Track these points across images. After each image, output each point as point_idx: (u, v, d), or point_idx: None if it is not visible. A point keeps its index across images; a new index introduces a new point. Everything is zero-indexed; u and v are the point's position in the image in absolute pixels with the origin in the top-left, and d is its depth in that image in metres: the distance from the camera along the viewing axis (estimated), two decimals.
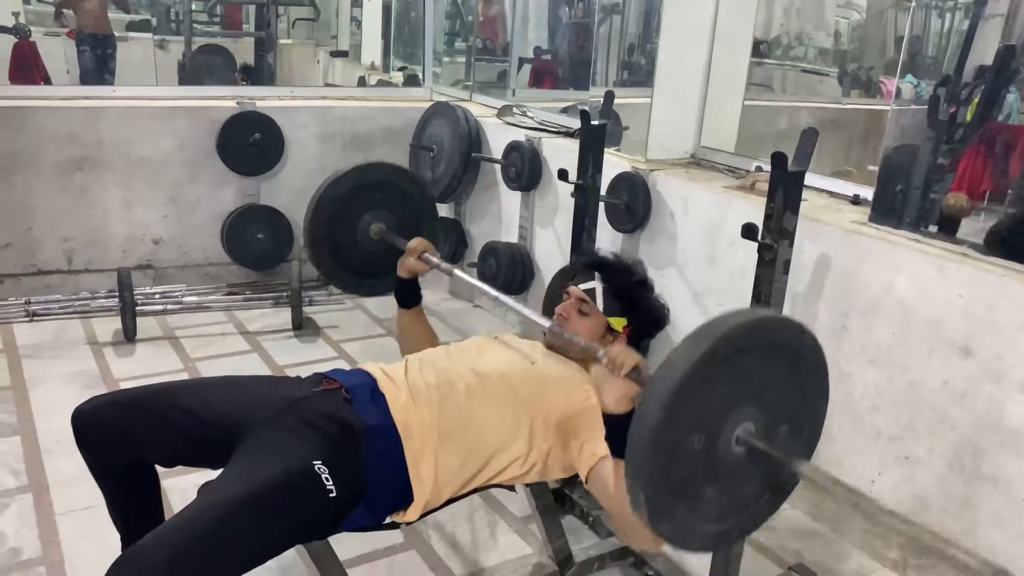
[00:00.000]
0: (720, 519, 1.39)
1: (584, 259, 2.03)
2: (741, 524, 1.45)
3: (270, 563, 1.49)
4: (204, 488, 1.55)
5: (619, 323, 1.88)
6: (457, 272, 2.09)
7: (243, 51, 6.02)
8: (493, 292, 1.99)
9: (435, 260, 2.08)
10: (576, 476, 2.43)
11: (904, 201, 2.42)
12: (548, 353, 1.88)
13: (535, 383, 1.75)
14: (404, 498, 1.63)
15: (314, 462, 1.51)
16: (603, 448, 1.59)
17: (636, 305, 1.92)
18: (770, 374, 1.38)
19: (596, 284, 1.90)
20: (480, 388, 1.72)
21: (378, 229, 2.43)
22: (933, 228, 2.35)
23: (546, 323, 1.79)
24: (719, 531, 1.40)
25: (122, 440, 1.66)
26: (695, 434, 1.30)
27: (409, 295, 2.16)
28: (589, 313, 1.89)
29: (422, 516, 1.68)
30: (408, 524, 1.68)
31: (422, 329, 2.16)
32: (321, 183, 2.52)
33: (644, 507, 1.27)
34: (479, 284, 2.05)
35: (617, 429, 1.47)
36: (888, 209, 2.42)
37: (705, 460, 1.33)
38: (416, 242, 2.10)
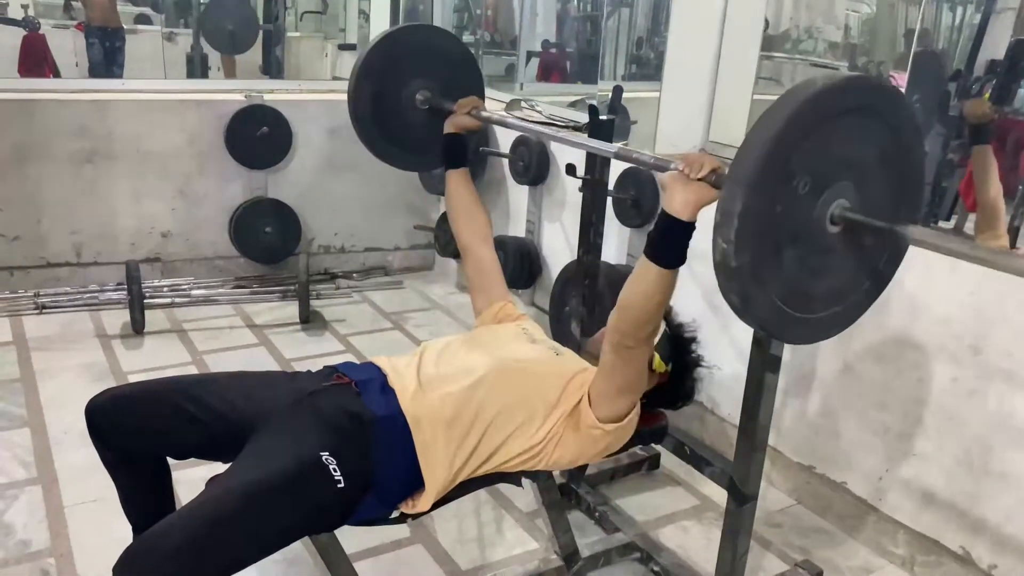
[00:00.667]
0: (802, 306, 1.35)
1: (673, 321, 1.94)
2: (834, 316, 1.41)
3: (276, 556, 1.50)
4: (213, 480, 1.56)
5: (661, 365, 1.82)
6: (510, 119, 2.02)
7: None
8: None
9: (485, 114, 2.05)
10: (583, 467, 2.45)
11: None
12: (569, 351, 1.88)
13: (556, 375, 1.74)
14: (414, 487, 1.63)
15: (321, 453, 1.52)
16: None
17: (683, 365, 1.87)
18: (862, 144, 1.34)
19: (663, 324, 1.83)
20: (497, 379, 1.71)
21: (424, 97, 2.31)
22: (944, 223, 2.33)
23: (666, 162, 1.60)
24: (797, 318, 1.36)
25: (135, 432, 1.66)
26: (802, 175, 1.25)
27: (456, 153, 2.12)
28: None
29: (434, 506, 1.67)
30: (419, 515, 1.68)
31: (468, 193, 2.12)
32: (357, 57, 2.34)
33: (736, 221, 1.22)
34: (530, 125, 1.96)
35: (667, 230, 1.47)
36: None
37: (802, 216, 1.28)
38: (467, 99, 2.09)
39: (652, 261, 1.48)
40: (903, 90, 2.58)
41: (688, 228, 1.47)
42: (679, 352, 1.87)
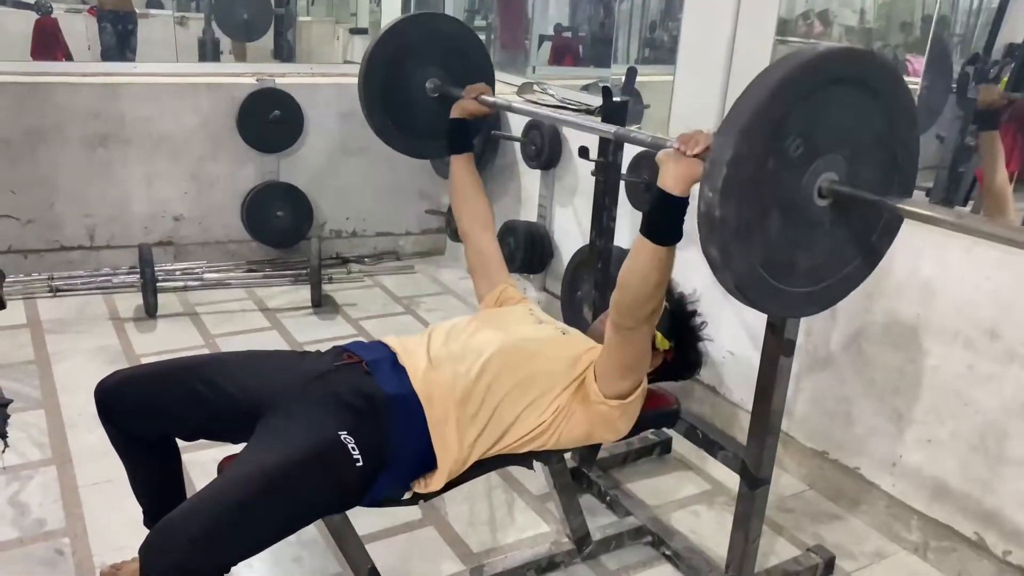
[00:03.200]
0: (781, 276, 1.35)
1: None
2: (816, 292, 1.41)
3: (291, 538, 1.51)
4: (227, 463, 1.57)
5: (665, 343, 1.83)
6: (516, 104, 2.02)
7: None
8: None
9: (491, 99, 2.07)
10: (595, 451, 2.45)
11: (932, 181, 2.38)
12: (575, 331, 1.88)
13: (563, 354, 1.75)
14: (427, 465, 1.63)
15: (339, 432, 1.52)
16: None
17: (686, 340, 1.87)
18: (856, 118, 1.33)
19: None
20: (506, 357, 1.71)
21: (434, 84, 2.32)
22: (963, 208, 2.31)
23: (662, 141, 1.61)
24: (773, 286, 1.36)
25: (145, 414, 1.67)
26: (796, 137, 1.25)
27: (461, 138, 2.14)
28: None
29: (447, 486, 1.68)
30: (432, 495, 1.68)
31: (471, 178, 2.14)
32: (368, 45, 2.37)
33: (725, 168, 1.21)
34: (536, 109, 1.95)
35: (661, 206, 1.46)
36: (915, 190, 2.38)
37: (791, 182, 1.27)
38: (475, 85, 2.11)
39: (647, 238, 1.48)
40: (921, 75, 2.55)
41: (681, 203, 1.45)
42: (680, 326, 1.87)
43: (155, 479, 1.79)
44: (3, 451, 2.29)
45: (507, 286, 2.06)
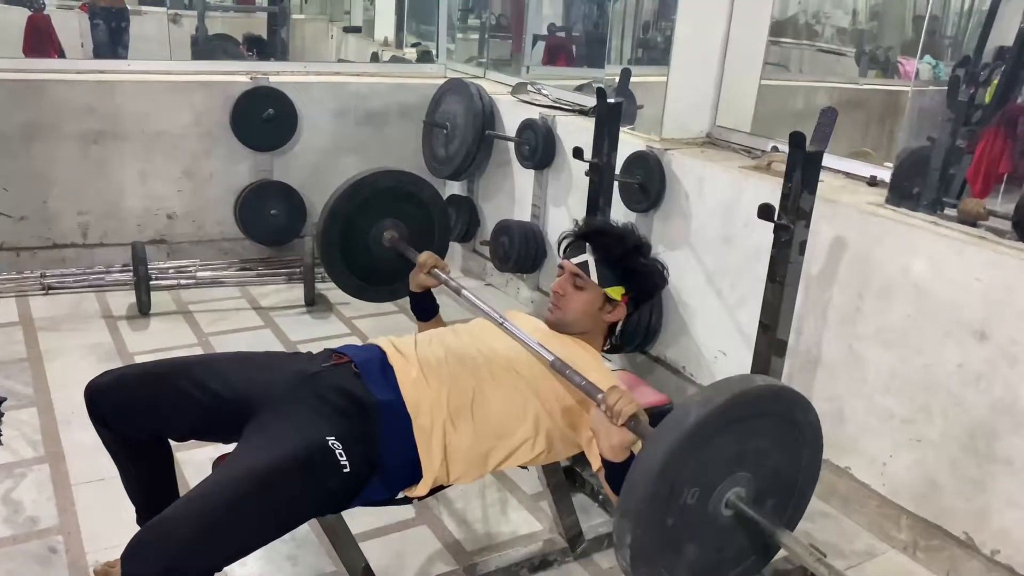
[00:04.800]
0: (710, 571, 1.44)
1: (574, 231, 1.97)
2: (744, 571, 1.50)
3: (285, 537, 1.51)
4: (220, 461, 1.57)
5: (616, 292, 1.86)
6: (465, 293, 2.06)
7: (256, 26, 5.99)
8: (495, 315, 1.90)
9: (444, 276, 2.11)
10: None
11: (922, 183, 2.40)
12: (552, 334, 1.87)
13: (541, 368, 1.75)
14: (415, 473, 1.64)
15: (328, 437, 1.52)
16: None
17: (632, 272, 1.90)
18: (766, 443, 1.41)
19: (588, 256, 1.87)
20: (487, 370, 1.73)
21: (391, 238, 2.40)
22: (951, 211, 2.33)
23: (549, 357, 1.70)
24: None
25: (136, 414, 1.67)
26: (690, 488, 1.33)
27: (425, 308, 2.17)
28: (584, 287, 1.87)
29: (432, 492, 1.69)
30: (419, 499, 1.69)
31: None
32: (332, 194, 2.48)
33: (628, 550, 1.29)
34: (483, 307, 1.94)
35: (613, 472, 1.51)
36: (906, 191, 2.40)
37: (694, 517, 1.36)
38: (426, 256, 2.13)
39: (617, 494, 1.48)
40: (912, 77, 2.56)
41: (627, 463, 1.47)
42: (618, 268, 1.89)
43: (147, 479, 1.79)
44: None
45: None
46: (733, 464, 1.37)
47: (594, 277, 1.86)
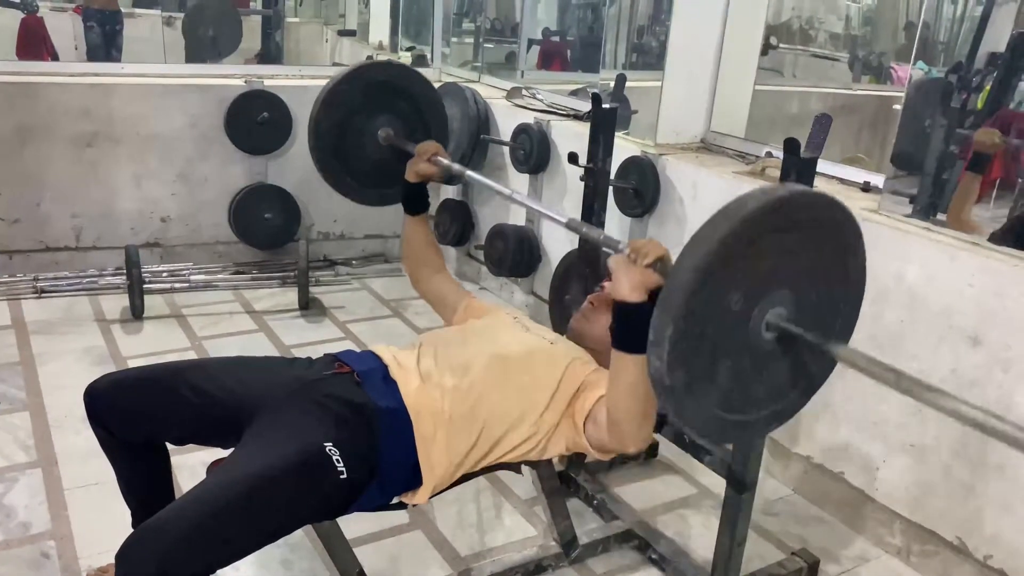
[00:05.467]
0: (738, 408, 1.35)
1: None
2: (764, 419, 1.41)
3: (279, 542, 1.51)
4: (216, 466, 1.56)
5: None
6: (469, 173, 2.00)
7: (251, 30, 5.99)
8: (507, 191, 1.88)
9: (445, 162, 2.04)
10: (581, 457, 2.46)
11: (916, 188, 2.41)
12: (562, 338, 1.89)
13: (551, 365, 1.75)
14: (414, 480, 1.64)
15: (325, 444, 1.52)
16: (603, 389, 1.60)
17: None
18: (804, 256, 1.33)
19: None
20: (494, 372, 1.72)
21: (386, 135, 2.28)
22: (943, 216, 2.34)
23: (614, 242, 1.56)
24: (734, 421, 1.36)
25: (134, 418, 1.67)
26: (735, 292, 1.25)
27: (416, 201, 2.12)
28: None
29: (432, 496, 1.69)
30: (414, 506, 1.69)
31: (424, 238, 2.14)
32: (321, 89, 2.29)
33: (667, 343, 1.20)
34: (489, 182, 1.92)
35: (626, 317, 1.44)
36: (899, 197, 2.41)
37: (736, 330, 1.28)
38: (426, 144, 2.07)
39: (625, 351, 1.45)
40: (904, 83, 2.58)
41: (644, 309, 1.38)
42: None
43: (144, 482, 1.78)
44: None
45: (469, 300, 2.07)
46: (775, 279, 1.29)
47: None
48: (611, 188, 2.87)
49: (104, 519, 2.10)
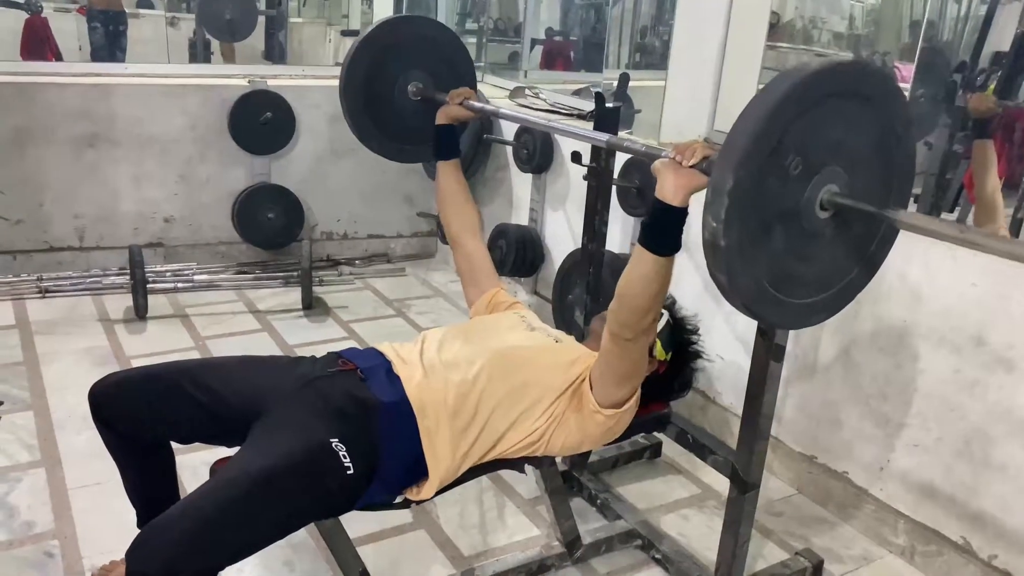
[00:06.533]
0: (786, 289, 1.36)
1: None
2: (820, 302, 1.43)
3: (281, 541, 1.51)
4: (220, 465, 1.57)
5: (662, 353, 1.84)
6: (503, 109, 2.02)
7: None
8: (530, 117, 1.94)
9: (478, 105, 2.05)
10: (585, 455, 2.46)
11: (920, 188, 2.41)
12: (569, 337, 1.89)
13: (555, 362, 1.76)
14: (418, 474, 1.64)
15: (331, 439, 1.52)
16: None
17: (683, 352, 1.89)
18: (859, 133, 1.34)
19: (666, 316, 1.85)
20: (498, 367, 1.72)
21: (416, 88, 2.30)
22: (948, 215, 2.34)
23: (658, 150, 1.59)
24: (780, 300, 1.37)
25: (140, 416, 1.67)
26: (794, 155, 1.25)
27: (447, 144, 2.13)
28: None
29: (437, 493, 1.69)
30: (422, 502, 1.69)
31: (458, 185, 2.14)
32: (351, 47, 2.35)
33: (726, 198, 1.21)
34: (515, 113, 1.95)
35: (662, 216, 1.45)
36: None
37: (792, 199, 1.28)
38: (459, 89, 2.09)
39: (647, 249, 1.47)
40: (909, 82, 2.57)
41: (681, 214, 1.44)
42: (680, 342, 1.87)
43: (148, 482, 1.79)
44: None
45: (498, 290, 2.07)
46: (830, 153, 1.30)
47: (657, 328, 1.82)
48: (614, 188, 2.87)
49: (108, 519, 2.11)
